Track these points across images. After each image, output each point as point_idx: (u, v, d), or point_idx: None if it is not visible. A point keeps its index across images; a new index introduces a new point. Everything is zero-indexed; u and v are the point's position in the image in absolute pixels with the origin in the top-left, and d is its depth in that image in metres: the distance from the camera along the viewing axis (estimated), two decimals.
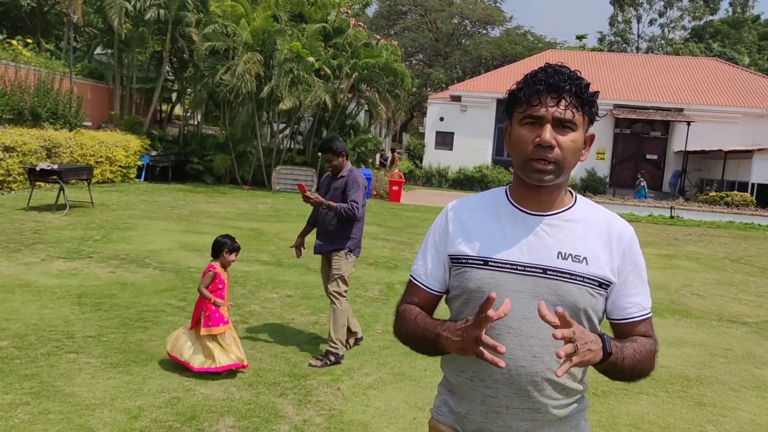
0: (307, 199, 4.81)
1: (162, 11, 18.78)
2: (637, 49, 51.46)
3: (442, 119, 27.29)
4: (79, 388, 4.02)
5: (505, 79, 27.34)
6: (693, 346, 6.03)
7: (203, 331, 4.35)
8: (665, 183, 25.83)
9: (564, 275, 1.53)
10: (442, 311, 1.65)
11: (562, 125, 1.50)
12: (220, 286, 4.48)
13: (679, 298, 8.11)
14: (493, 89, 26.57)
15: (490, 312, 1.34)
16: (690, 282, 9.36)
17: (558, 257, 1.54)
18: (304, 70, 18.51)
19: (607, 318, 1.64)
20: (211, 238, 8.11)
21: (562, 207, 1.61)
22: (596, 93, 1.57)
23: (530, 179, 1.54)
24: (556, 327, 1.33)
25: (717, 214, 19.62)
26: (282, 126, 22.14)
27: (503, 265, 1.55)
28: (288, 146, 21.67)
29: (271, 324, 5.74)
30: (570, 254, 1.54)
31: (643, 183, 23.74)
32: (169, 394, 4.03)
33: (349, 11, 22.85)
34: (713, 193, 21.99)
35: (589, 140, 1.61)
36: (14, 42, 17.61)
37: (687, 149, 24.17)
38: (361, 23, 23.10)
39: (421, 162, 28.13)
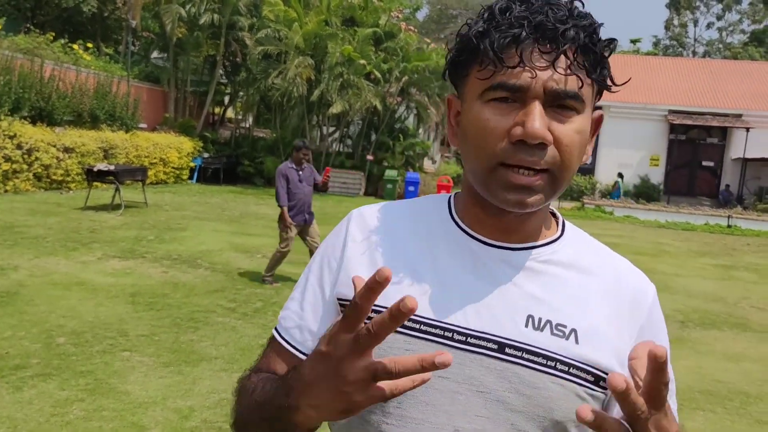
0: (325, 185, 7.17)
1: (216, 16, 19.19)
2: (694, 53, 50.07)
3: None
4: (132, 386, 4.10)
5: None
6: (753, 361, 5.79)
7: None
8: (721, 191, 25.04)
9: (536, 357, 0.85)
10: None
11: (560, 104, 0.82)
12: None
13: (738, 311, 7.80)
14: None
15: (405, 303, 0.63)
16: (749, 294, 9.01)
17: (527, 324, 0.86)
18: (354, 74, 18.62)
19: None
20: (261, 240, 8.10)
21: (544, 239, 0.94)
22: (614, 41, 0.85)
23: (501, 202, 0.85)
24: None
25: None
26: (331, 129, 22.32)
27: (429, 329, 0.86)
28: (337, 150, 21.81)
29: None
30: (549, 321, 0.87)
31: (619, 183, 23.07)
32: (218, 395, 4.07)
33: (399, 15, 22.90)
34: None
35: (595, 125, 0.92)
36: (75, 46, 18.20)
37: (746, 156, 23.37)
38: (411, 27, 23.12)
39: None
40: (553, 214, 0.99)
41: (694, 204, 23.40)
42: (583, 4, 0.85)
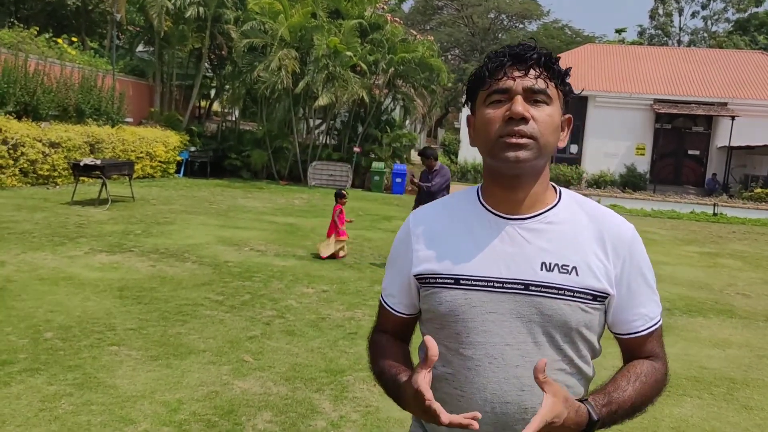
0: (411, 184, 8.24)
1: (201, 9, 19.03)
2: (679, 42, 50.20)
3: None
4: (120, 380, 4.09)
5: None
6: (738, 347, 5.86)
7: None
8: (707, 179, 25.25)
9: (550, 290, 1.28)
10: None
11: (534, 98, 1.28)
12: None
13: (724, 298, 7.89)
14: None
15: (422, 387, 1.18)
16: (734, 281, 9.11)
17: (542, 269, 1.29)
18: (340, 66, 18.56)
19: (610, 331, 1.41)
20: (248, 232, 7.88)
21: (544, 207, 1.35)
22: (568, 69, 1.36)
23: (504, 161, 1.28)
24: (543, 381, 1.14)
25: (763, 212, 19.09)
26: (318, 122, 22.25)
27: (477, 283, 1.31)
28: (324, 142, 21.77)
29: (307, 319, 5.76)
30: (556, 264, 1.29)
31: None
32: (207, 388, 4.07)
33: (385, 7, 22.84)
34: (759, 190, 21.38)
35: (566, 123, 1.37)
36: (60, 40, 18.01)
37: (731, 144, 23.54)
38: (397, 18, 23.07)
39: (456, 158, 27.97)
40: (554, 187, 1.41)
41: (680, 192, 23.58)
42: (548, 51, 1.33)
